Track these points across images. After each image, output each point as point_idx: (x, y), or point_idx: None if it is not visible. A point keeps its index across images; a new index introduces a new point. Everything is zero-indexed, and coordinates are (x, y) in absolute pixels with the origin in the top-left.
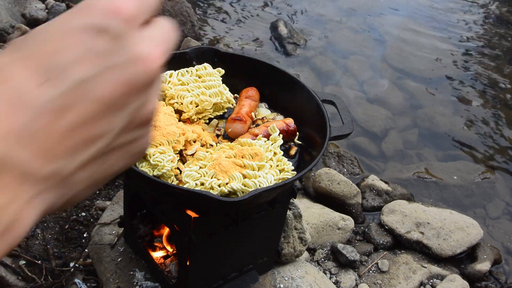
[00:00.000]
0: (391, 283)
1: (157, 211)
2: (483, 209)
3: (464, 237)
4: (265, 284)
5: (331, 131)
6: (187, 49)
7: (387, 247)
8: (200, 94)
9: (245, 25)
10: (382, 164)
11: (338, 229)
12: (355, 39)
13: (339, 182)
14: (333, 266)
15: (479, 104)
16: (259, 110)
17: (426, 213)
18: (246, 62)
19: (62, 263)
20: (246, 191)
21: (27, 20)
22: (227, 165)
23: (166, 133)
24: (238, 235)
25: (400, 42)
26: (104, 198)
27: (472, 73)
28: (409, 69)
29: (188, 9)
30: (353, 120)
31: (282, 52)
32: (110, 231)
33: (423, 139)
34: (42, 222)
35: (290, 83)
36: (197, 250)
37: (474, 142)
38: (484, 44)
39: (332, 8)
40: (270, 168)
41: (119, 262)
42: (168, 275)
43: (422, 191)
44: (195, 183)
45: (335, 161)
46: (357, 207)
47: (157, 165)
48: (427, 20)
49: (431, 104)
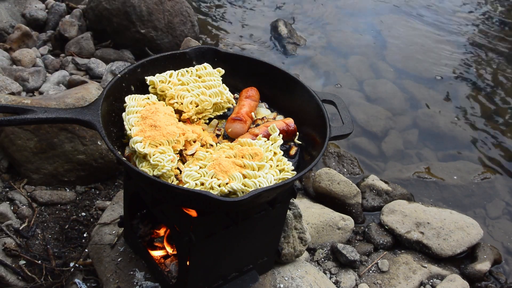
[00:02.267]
0: (391, 283)
1: (157, 211)
2: (483, 209)
3: (464, 237)
4: (265, 284)
5: (331, 131)
6: (187, 49)
7: (387, 247)
8: (200, 94)
9: (245, 25)
10: (382, 164)
11: (338, 229)
12: (355, 39)
13: (339, 182)
14: (333, 266)
15: (479, 104)
16: (259, 110)
17: (426, 213)
18: (246, 62)
19: (62, 263)
20: (246, 191)
21: (27, 20)
22: (227, 165)
23: (166, 133)
24: (238, 235)
25: (400, 42)
26: (104, 198)
27: (472, 73)
28: (409, 69)
29: (188, 9)
30: (353, 120)
31: (282, 52)
32: (110, 231)
33: (423, 139)
34: (42, 222)
35: (290, 83)
36: (197, 250)
37: (474, 142)
38: (485, 44)
39: (332, 8)
40: (270, 168)
41: (119, 262)
42: (168, 275)
43: (422, 191)
44: (195, 183)
45: (335, 161)
46: (357, 207)
47: (157, 165)
48: (427, 20)
49: (431, 104)
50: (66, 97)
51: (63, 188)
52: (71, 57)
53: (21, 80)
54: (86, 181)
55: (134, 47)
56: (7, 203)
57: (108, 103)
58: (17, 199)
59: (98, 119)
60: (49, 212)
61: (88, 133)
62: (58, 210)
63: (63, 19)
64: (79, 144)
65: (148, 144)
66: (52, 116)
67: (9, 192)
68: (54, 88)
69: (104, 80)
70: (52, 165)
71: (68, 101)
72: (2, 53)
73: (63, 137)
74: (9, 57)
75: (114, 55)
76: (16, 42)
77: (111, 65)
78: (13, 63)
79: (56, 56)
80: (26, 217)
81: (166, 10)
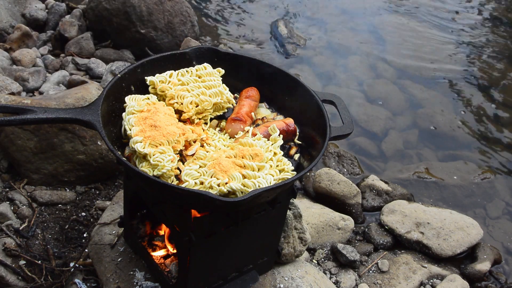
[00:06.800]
0: (391, 283)
1: (157, 211)
2: (483, 209)
3: (464, 237)
4: (265, 284)
5: (331, 131)
6: (187, 49)
7: (387, 247)
8: (200, 94)
9: (245, 25)
10: (382, 164)
11: (338, 229)
12: (355, 39)
13: (339, 182)
14: (333, 266)
15: (479, 104)
16: (259, 110)
17: (426, 213)
18: (246, 62)
19: (62, 263)
20: (245, 191)
21: (27, 20)
22: (227, 165)
23: (166, 133)
24: (238, 235)
25: (400, 42)
26: (104, 198)
27: (473, 73)
28: (409, 69)
29: (188, 9)
30: (353, 120)
31: (282, 52)
32: (110, 231)
33: (423, 139)
34: (42, 222)
35: (290, 83)
36: (197, 250)
37: (474, 142)
38: (485, 44)
39: (332, 8)
40: (270, 168)
41: (119, 262)
42: (168, 275)
43: (422, 191)
44: (195, 182)
45: (335, 161)
46: (357, 207)
47: (157, 165)
48: (428, 20)
49: (431, 104)
50: (66, 97)
51: (63, 188)
52: (71, 57)
53: (21, 80)
54: (86, 181)
55: (134, 47)
56: (7, 203)
57: (108, 103)
58: (17, 199)
59: (98, 119)
60: (49, 212)
61: (88, 133)
62: (58, 210)
63: (63, 19)
64: (79, 144)
65: (148, 144)
66: (52, 116)
67: (9, 192)
68: (54, 88)
69: (104, 80)
70: (52, 165)
71: (68, 101)
72: (2, 53)
73: (63, 137)
74: (9, 57)
75: (114, 55)
76: (16, 42)
77: (111, 65)
78: (13, 63)
79: (56, 56)
80: (26, 217)
81: (166, 10)
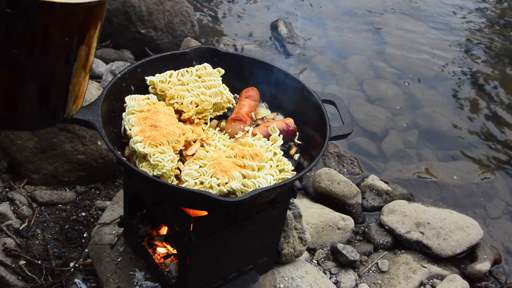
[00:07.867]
0: (391, 283)
1: (157, 211)
2: (483, 209)
3: (464, 237)
4: (265, 284)
5: (331, 131)
6: (187, 49)
7: (387, 247)
8: (200, 94)
9: (245, 25)
10: (382, 164)
11: (338, 229)
12: (355, 39)
13: (339, 182)
14: (333, 266)
15: (479, 104)
16: (259, 110)
17: (426, 213)
18: (246, 62)
19: (62, 263)
20: (245, 191)
21: None
22: (227, 164)
23: (166, 133)
24: (238, 235)
25: (400, 42)
26: (104, 198)
27: (473, 73)
28: (409, 69)
29: (188, 9)
30: (353, 120)
31: (282, 52)
32: (110, 231)
33: (423, 139)
34: (42, 222)
35: (290, 83)
36: (197, 250)
37: (474, 142)
38: (485, 44)
39: (332, 8)
40: (270, 168)
41: (119, 262)
42: (168, 275)
43: (422, 191)
44: (195, 181)
45: (335, 161)
46: (357, 207)
47: (157, 165)
48: (428, 20)
49: (431, 104)
50: None
51: (63, 188)
52: None
53: None
54: (86, 181)
55: (134, 47)
56: (7, 203)
57: (108, 103)
58: (17, 199)
59: (98, 119)
60: (49, 212)
61: (88, 133)
62: (58, 210)
63: None
64: (79, 144)
65: (148, 144)
66: None
67: (9, 192)
68: None
69: (104, 80)
70: (52, 165)
71: None
72: None
73: (63, 137)
74: None
75: (114, 55)
76: None
77: (111, 65)
78: None
79: None
80: (26, 217)
81: (166, 10)
